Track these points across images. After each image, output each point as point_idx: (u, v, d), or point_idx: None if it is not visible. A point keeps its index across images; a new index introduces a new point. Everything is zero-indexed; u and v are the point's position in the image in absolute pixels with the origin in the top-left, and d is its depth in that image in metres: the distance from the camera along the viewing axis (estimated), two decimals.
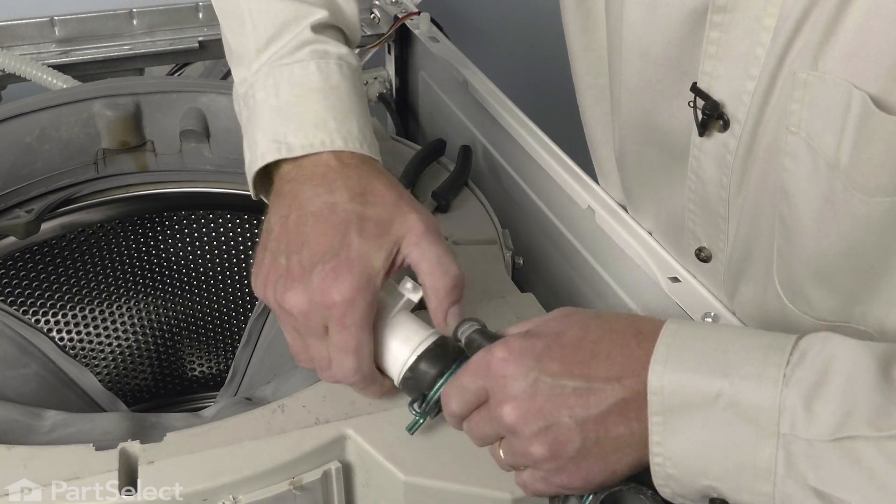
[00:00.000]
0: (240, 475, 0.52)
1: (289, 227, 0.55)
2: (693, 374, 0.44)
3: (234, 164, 0.91)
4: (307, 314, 0.53)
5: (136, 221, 0.97)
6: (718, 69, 0.56)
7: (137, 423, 0.60)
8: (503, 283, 0.71)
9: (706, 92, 0.57)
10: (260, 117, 0.58)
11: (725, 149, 0.58)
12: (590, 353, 0.47)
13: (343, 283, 0.52)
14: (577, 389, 0.46)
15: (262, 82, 0.59)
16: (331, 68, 0.60)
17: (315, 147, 0.57)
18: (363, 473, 0.56)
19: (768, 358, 0.44)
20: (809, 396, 0.42)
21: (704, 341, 0.46)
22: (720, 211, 0.62)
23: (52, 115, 0.85)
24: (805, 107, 0.50)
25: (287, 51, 0.60)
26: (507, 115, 0.87)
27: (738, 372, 0.44)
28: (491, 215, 0.81)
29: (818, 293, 0.56)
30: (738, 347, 0.45)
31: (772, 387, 0.43)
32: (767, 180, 0.56)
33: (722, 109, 0.57)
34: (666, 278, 0.68)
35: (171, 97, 0.88)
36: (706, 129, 0.58)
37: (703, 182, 0.62)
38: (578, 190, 0.76)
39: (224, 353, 1.10)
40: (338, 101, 0.59)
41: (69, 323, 0.99)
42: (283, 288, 0.53)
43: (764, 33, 0.53)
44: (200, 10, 1.05)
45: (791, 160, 0.53)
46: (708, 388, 0.44)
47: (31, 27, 0.99)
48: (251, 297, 1.04)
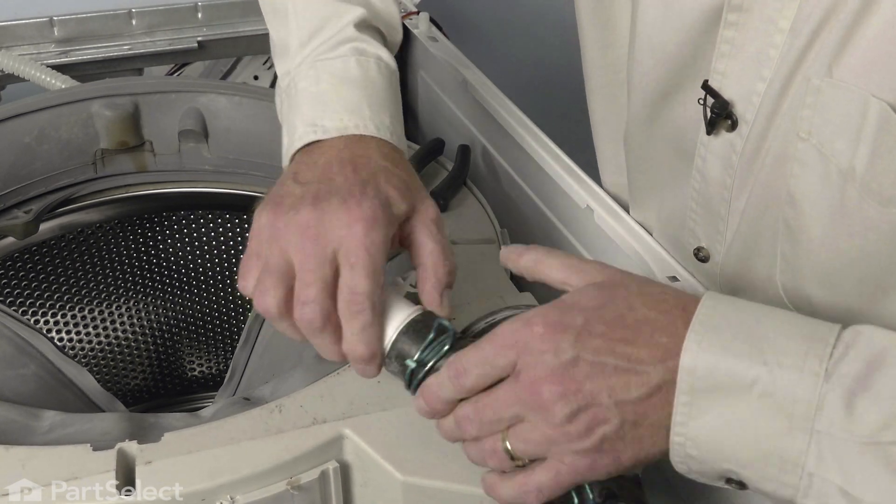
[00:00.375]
0: (238, 475, 0.52)
1: (316, 167, 0.55)
2: (730, 357, 0.43)
3: (233, 164, 0.91)
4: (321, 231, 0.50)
5: (134, 221, 0.97)
6: (730, 68, 0.56)
7: (136, 423, 0.60)
8: (502, 282, 0.71)
9: (717, 90, 0.57)
10: (300, 105, 0.60)
11: (732, 149, 0.58)
12: (633, 330, 0.45)
13: (369, 205, 0.51)
14: (619, 368, 0.44)
15: (304, 73, 0.61)
16: (369, 65, 0.61)
17: (349, 129, 0.57)
18: (361, 473, 0.56)
19: (811, 349, 0.42)
20: (851, 394, 0.41)
21: (743, 323, 0.44)
22: (720, 211, 0.62)
23: (51, 116, 0.85)
24: (817, 113, 0.50)
25: (328, 47, 0.61)
26: (505, 115, 0.87)
27: (778, 361, 0.42)
28: (489, 215, 0.81)
29: (822, 300, 0.56)
30: (778, 333, 0.43)
31: (812, 380, 0.41)
32: (773, 184, 0.56)
33: (731, 109, 0.57)
34: (665, 278, 0.68)
35: (170, 97, 0.88)
36: (714, 127, 0.58)
37: (706, 181, 0.62)
38: (577, 189, 0.76)
39: (222, 353, 1.10)
40: (373, 93, 0.60)
41: (68, 323, 0.99)
42: (296, 207, 0.51)
43: (778, 35, 0.53)
44: (199, 11, 1.05)
45: (800, 166, 0.52)
46: (744, 373, 0.42)
47: (30, 27, 0.99)
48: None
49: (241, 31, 1.06)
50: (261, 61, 1.11)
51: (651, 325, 0.45)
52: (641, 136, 0.68)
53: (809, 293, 0.56)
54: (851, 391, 0.41)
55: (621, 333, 0.45)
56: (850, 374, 0.41)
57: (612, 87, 0.75)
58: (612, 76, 0.74)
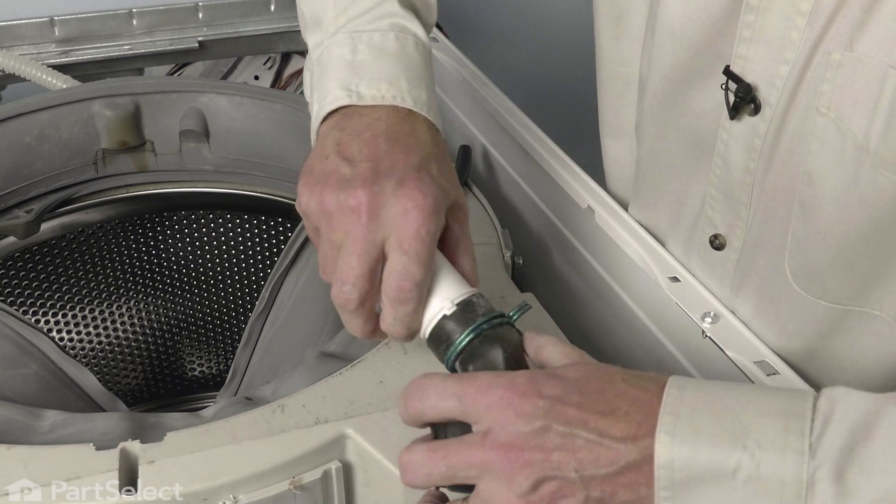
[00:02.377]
0: (240, 475, 0.52)
1: (360, 140, 0.52)
2: (707, 447, 0.40)
3: (234, 164, 0.91)
4: (373, 215, 0.49)
5: (135, 221, 0.97)
6: (752, 53, 0.56)
7: (137, 422, 0.59)
8: (503, 282, 0.71)
9: (739, 75, 0.57)
10: (334, 70, 0.57)
11: (755, 132, 0.58)
12: (610, 405, 0.43)
13: (427, 192, 0.50)
14: (590, 442, 0.42)
15: (340, 42, 0.59)
16: (407, 41, 0.59)
17: (386, 100, 0.55)
18: (363, 473, 0.56)
19: (789, 425, 0.40)
20: (841, 468, 0.39)
21: (713, 405, 0.42)
22: (742, 197, 0.62)
23: (51, 116, 0.84)
24: (836, 87, 0.50)
25: (368, 19, 0.59)
26: (506, 115, 0.87)
27: (757, 443, 0.40)
28: (490, 215, 0.81)
29: (835, 277, 0.56)
30: (752, 413, 0.41)
31: (797, 459, 0.39)
32: (790, 164, 0.56)
33: (755, 93, 0.57)
34: (665, 278, 0.68)
35: (171, 97, 0.88)
36: (737, 112, 0.58)
37: (728, 167, 0.62)
38: (578, 189, 0.77)
39: (224, 353, 1.10)
40: (412, 68, 0.58)
41: (69, 323, 0.99)
42: (348, 188, 0.49)
43: (800, 18, 0.53)
44: (200, 10, 1.05)
45: (818, 143, 0.52)
46: (725, 461, 0.40)
47: (30, 27, 0.99)
48: (251, 296, 1.04)
49: (242, 31, 1.06)
50: (261, 61, 1.11)
51: (629, 402, 0.43)
52: (656, 126, 0.68)
53: (822, 271, 0.56)
54: (840, 465, 0.39)
55: (597, 406, 0.43)
56: (835, 448, 0.39)
57: (620, 79, 0.75)
58: (621, 69, 0.74)
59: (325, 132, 0.55)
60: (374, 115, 0.54)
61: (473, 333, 0.48)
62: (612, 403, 0.43)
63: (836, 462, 0.39)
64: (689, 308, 0.65)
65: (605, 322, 0.77)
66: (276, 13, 1.08)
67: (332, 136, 0.54)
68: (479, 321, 0.49)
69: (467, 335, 0.48)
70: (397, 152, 0.52)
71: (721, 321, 0.64)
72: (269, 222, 0.98)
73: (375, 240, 0.49)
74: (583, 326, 0.79)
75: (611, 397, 0.43)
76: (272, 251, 1.00)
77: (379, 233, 0.49)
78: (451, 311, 0.49)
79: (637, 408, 0.43)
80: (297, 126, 0.86)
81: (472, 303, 0.50)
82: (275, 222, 0.98)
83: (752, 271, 0.63)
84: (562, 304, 0.82)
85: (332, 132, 0.54)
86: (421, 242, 0.49)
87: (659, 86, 0.65)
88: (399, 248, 0.49)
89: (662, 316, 0.68)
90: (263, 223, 0.99)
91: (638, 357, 0.72)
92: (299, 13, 0.65)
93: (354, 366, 0.60)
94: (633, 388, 0.44)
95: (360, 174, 0.50)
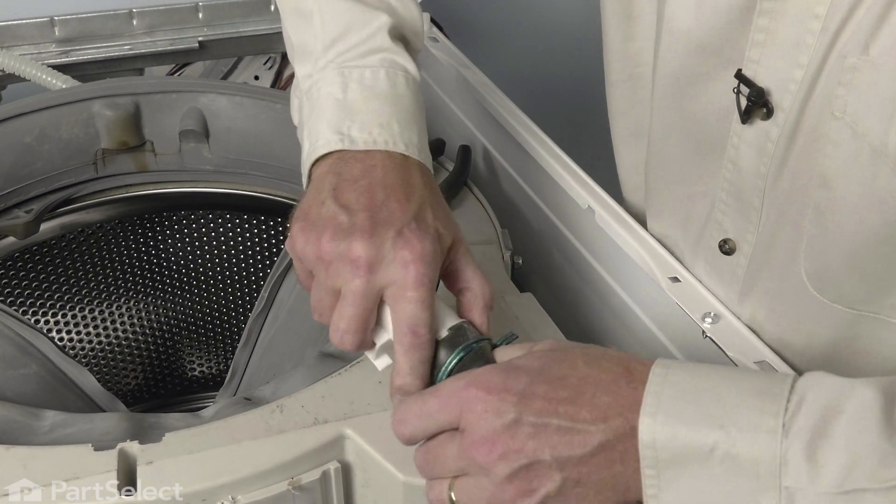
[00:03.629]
0: (239, 475, 0.52)
1: (357, 188, 0.53)
2: (685, 426, 0.42)
3: (234, 164, 0.91)
4: (372, 267, 0.50)
5: (135, 221, 0.97)
6: (765, 56, 0.56)
7: (136, 423, 0.59)
8: (503, 283, 0.71)
9: (751, 79, 0.57)
10: (325, 110, 0.58)
11: (767, 137, 0.58)
12: (575, 390, 0.45)
13: (426, 241, 0.51)
14: (561, 428, 0.44)
15: (330, 79, 0.59)
16: (398, 78, 0.60)
17: (378, 144, 0.56)
18: (362, 473, 0.56)
19: (765, 406, 0.42)
20: (812, 446, 0.40)
21: (695, 388, 0.43)
22: (753, 201, 0.62)
23: (51, 115, 0.84)
24: (852, 91, 0.50)
25: (357, 54, 0.60)
26: (506, 115, 0.87)
27: (734, 423, 0.42)
28: (490, 215, 0.81)
29: (850, 281, 0.56)
30: (731, 394, 0.43)
31: (770, 438, 0.41)
32: (803, 168, 0.56)
33: (767, 97, 0.57)
34: (666, 278, 0.68)
35: (171, 97, 0.88)
36: (749, 116, 0.58)
37: (739, 171, 0.61)
38: (578, 190, 0.76)
39: (223, 353, 1.10)
40: (402, 109, 0.59)
41: (68, 323, 0.99)
42: (347, 238, 0.51)
43: (814, 21, 0.53)
44: (200, 11, 1.05)
45: (833, 146, 0.53)
46: (702, 440, 0.42)
47: (31, 27, 0.99)
48: (250, 296, 1.04)
49: (242, 32, 1.06)
50: (261, 61, 1.11)
51: (593, 385, 0.45)
52: (664, 129, 0.68)
53: (837, 275, 0.57)
54: (811, 443, 0.40)
55: (563, 394, 0.45)
56: (806, 427, 0.41)
57: (632, 80, 0.74)
58: (633, 69, 0.74)
59: (321, 176, 0.55)
60: (369, 162, 0.55)
61: (464, 353, 0.51)
62: (578, 388, 0.45)
63: (807, 440, 0.40)
64: (689, 308, 0.65)
65: (605, 322, 0.77)
66: (276, 13, 1.07)
67: (328, 181, 0.54)
68: (468, 342, 0.51)
69: (457, 354, 0.51)
70: (393, 202, 0.53)
71: (722, 321, 0.64)
72: (269, 222, 0.98)
73: (374, 290, 0.51)
74: (583, 327, 0.79)
75: (574, 381, 0.45)
76: (272, 251, 1.00)
77: (377, 284, 0.51)
78: (443, 337, 0.52)
79: (602, 390, 0.45)
80: None
81: (463, 328, 0.52)
82: (275, 222, 0.98)
83: (763, 275, 0.63)
84: (562, 304, 0.82)
85: (327, 177, 0.55)
86: (425, 289, 0.51)
87: (667, 87, 0.65)
88: (404, 298, 0.51)
89: (663, 316, 0.68)
90: (263, 223, 0.99)
91: None
92: (285, 37, 0.65)
93: (354, 366, 0.60)
94: (595, 370, 0.46)
95: (358, 224, 0.51)
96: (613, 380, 0.45)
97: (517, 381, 0.46)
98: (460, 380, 0.47)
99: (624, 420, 0.44)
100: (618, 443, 0.44)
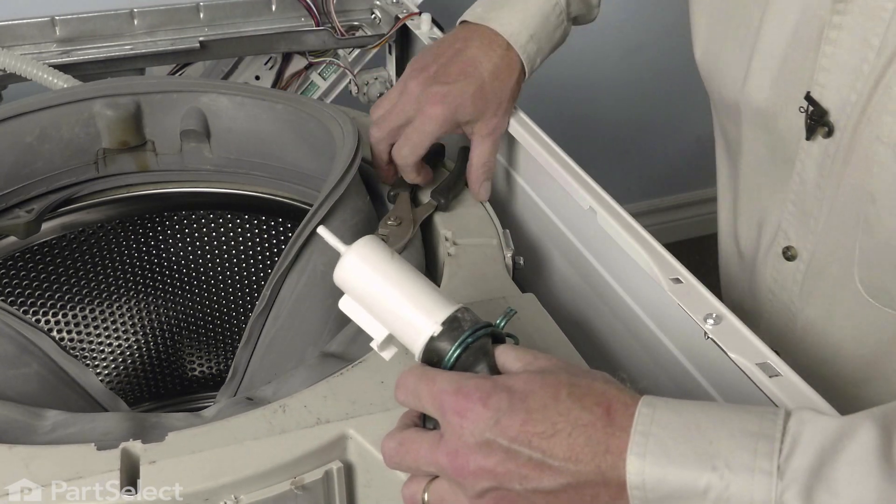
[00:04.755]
0: (241, 475, 0.52)
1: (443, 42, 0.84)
2: (677, 468, 0.42)
3: (235, 164, 0.91)
4: None
5: (136, 221, 0.97)
6: (829, 81, 0.64)
7: (139, 422, 0.59)
8: (504, 283, 0.71)
9: (817, 101, 0.64)
10: None
11: (825, 153, 0.65)
12: (552, 424, 0.44)
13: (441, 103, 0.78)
14: (532, 460, 0.44)
15: None
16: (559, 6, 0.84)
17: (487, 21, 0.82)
18: (365, 473, 0.56)
19: (759, 447, 0.41)
20: (809, 490, 0.40)
21: (684, 426, 0.43)
22: (813, 211, 0.69)
23: (52, 115, 0.84)
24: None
25: None
26: None
27: (727, 464, 0.41)
28: (491, 215, 0.81)
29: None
30: (721, 434, 0.42)
31: (766, 480, 0.40)
32: (855, 184, 0.63)
33: (827, 117, 0.64)
34: (667, 279, 0.68)
35: (172, 97, 0.88)
36: (812, 133, 0.65)
37: (804, 184, 0.69)
38: (580, 190, 0.76)
39: (223, 353, 1.10)
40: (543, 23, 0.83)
41: (69, 323, 0.99)
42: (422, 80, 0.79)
43: (870, 52, 0.60)
44: (201, 11, 1.04)
45: (879, 167, 0.60)
46: (695, 482, 0.41)
47: (31, 27, 0.99)
48: (251, 296, 1.04)
49: (244, 31, 1.06)
50: (262, 61, 1.11)
51: (571, 423, 0.44)
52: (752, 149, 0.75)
53: (888, 283, 0.64)
54: (808, 486, 0.40)
55: (540, 427, 0.45)
56: (803, 469, 0.40)
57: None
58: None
59: None
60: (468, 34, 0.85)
61: (460, 349, 0.50)
62: (555, 423, 0.44)
63: (804, 483, 0.40)
64: (690, 309, 0.65)
65: (606, 323, 0.77)
66: (277, 13, 1.08)
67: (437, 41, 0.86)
68: (464, 336, 0.50)
69: (454, 351, 0.50)
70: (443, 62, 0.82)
71: (723, 323, 0.64)
72: (269, 222, 0.98)
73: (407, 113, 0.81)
74: (584, 328, 0.79)
75: (554, 415, 0.45)
76: (272, 251, 1.00)
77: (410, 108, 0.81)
78: (438, 332, 0.51)
79: (579, 431, 0.44)
80: (297, 126, 0.86)
81: (458, 318, 0.51)
82: (275, 222, 0.98)
83: (821, 280, 0.70)
84: (563, 305, 0.82)
85: None
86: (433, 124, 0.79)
87: (755, 114, 0.72)
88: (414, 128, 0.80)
89: (664, 317, 0.68)
90: (264, 223, 0.98)
91: (639, 358, 0.72)
92: None
93: (356, 366, 0.60)
94: (577, 407, 0.45)
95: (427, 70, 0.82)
96: (591, 422, 0.44)
97: (499, 401, 0.46)
98: (453, 382, 0.47)
99: (595, 466, 0.43)
100: (587, 486, 0.44)
